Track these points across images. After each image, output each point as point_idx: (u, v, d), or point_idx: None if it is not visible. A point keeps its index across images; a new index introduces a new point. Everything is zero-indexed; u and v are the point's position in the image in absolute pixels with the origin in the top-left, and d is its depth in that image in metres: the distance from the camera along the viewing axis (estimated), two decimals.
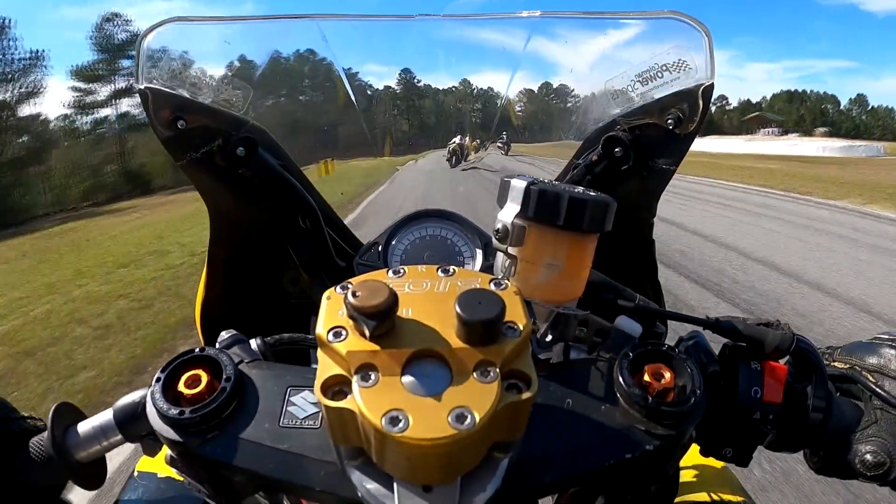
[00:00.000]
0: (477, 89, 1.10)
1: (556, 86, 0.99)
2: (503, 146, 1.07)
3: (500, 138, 1.06)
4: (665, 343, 0.49)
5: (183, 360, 0.49)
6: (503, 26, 0.85)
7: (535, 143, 1.10)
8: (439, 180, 1.15)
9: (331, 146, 1.09)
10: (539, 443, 0.43)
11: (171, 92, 0.72)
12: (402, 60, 1.02)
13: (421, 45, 0.93)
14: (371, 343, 0.35)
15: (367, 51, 0.93)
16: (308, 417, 0.45)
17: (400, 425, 0.31)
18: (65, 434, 0.56)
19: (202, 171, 0.78)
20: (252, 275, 0.90)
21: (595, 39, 0.81)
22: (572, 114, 0.95)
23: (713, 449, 0.55)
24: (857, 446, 0.54)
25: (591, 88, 0.84)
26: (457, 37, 0.90)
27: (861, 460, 0.53)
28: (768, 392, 0.52)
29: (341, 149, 1.09)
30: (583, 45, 0.83)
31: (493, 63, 0.93)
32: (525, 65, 0.86)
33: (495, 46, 0.88)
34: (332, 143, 1.09)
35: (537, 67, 0.90)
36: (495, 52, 0.88)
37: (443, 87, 1.14)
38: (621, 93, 0.76)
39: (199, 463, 0.46)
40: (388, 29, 0.90)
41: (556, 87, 0.99)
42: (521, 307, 0.38)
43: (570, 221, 0.52)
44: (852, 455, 0.54)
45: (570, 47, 0.84)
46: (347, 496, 0.40)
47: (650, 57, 0.72)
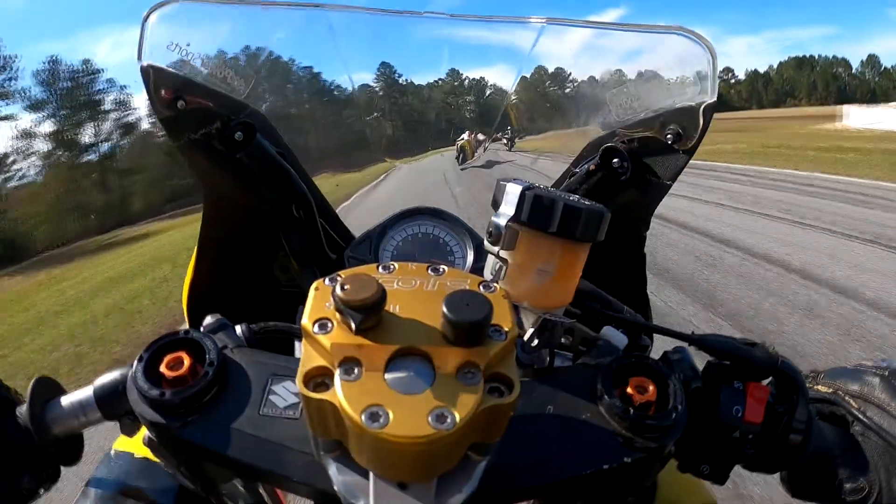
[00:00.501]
0: (469, 80, 1.09)
1: (552, 70, 0.97)
2: (508, 141, 1.06)
3: (505, 133, 1.05)
4: (650, 357, 0.49)
5: (167, 342, 0.48)
6: (510, 29, 0.86)
7: (540, 135, 1.08)
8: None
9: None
10: (518, 447, 0.43)
11: (172, 71, 0.71)
12: (395, 57, 1.02)
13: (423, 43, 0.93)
14: (356, 337, 0.35)
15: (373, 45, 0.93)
16: (288, 407, 0.45)
17: (380, 421, 0.31)
18: (43, 408, 0.56)
19: (199, 153, 0.77)
20: (242, 260, 0.89)
21: (599, 49, 0.82)
22: (573, 99, 0.94)
23: (691, 465, 0.55)
24: (837, 471, 0.54)
25: (594, 97, 0.85)
26: (457, 36, 0.90)
27: (839, 485, 0.53)
28: (749, 412, 0.52)
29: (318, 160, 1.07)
30: (587, 54, 0.83)
31: (491, 59, 0.93)
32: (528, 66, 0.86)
33: (500, 49, 0.88)
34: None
35: (541, 68, 0.90)
36: (499, 53, 0.88)
37: (434, 81, 1.14)
38: (623, 103, 0.76)
39: (176, 445, 0.46)
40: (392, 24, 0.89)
41: (551, 71, 0.97)
42: (508, 311, 0.38)
43: (563, 229, 0.52)
44: (831, 480, 0.54)
45: (574, 56, 0.85)
46: (323, 488, 0.40)
47: (654, 70, 0.73)
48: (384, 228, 0.90)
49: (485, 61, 1.03)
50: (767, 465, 0.55)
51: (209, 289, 0.86)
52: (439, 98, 1.16)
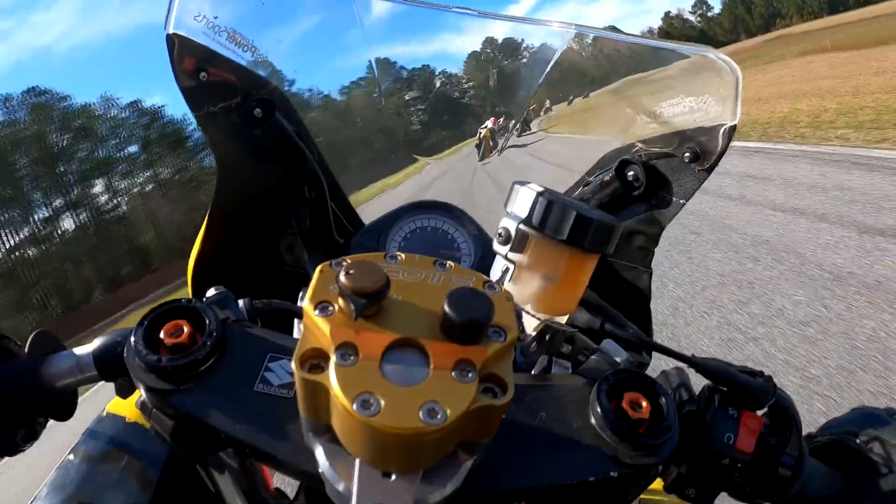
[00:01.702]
0: (493, 71, 1.07)
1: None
2: (520, 126, 1.04)
3: (521, 115, 1.03)
4: (647, 374, 0.49)
5: (168, 309, 0.49)
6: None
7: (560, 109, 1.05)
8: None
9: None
10: (505, 450, 0.43)
11: (196, 42, 0.71)
12: (417, 48, 1.01)
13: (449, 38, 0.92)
14: (356, 323, 0.35)
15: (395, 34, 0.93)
16: (282, 386, 0.45)
17: (370, 409, 0.31)
18: (41, 361, 0.56)
19: (217, 125, 0.78)
20: (250, 236, 0.90)
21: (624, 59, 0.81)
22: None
23: (677, 486, 0.55)
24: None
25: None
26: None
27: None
28: (741, 440, 0.51)
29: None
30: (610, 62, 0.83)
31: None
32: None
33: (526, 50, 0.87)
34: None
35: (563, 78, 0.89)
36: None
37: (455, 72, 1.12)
38: (645, 117, 0.76)
39: (167, 412, 0.46)
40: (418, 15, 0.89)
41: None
42: (510, 313, 0.38)
43: (573, 237, 0.52)
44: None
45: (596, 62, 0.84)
46: (308, 469, 0.40)
47: (677, 88, 0.72)
48: (394, 218, 0.90)
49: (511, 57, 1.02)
50: (754, 496, 0.54)
51: (215, 261, 0.86)
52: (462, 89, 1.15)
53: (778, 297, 3.96)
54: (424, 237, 0.89)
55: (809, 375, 2.94)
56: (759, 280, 4.31)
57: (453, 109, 1.18)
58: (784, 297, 3.92)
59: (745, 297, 4.05)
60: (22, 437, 0.57)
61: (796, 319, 3.55)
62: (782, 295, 3.96)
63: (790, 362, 3.10)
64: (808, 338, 3.31)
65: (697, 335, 3.66)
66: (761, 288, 4.16)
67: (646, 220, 0.78)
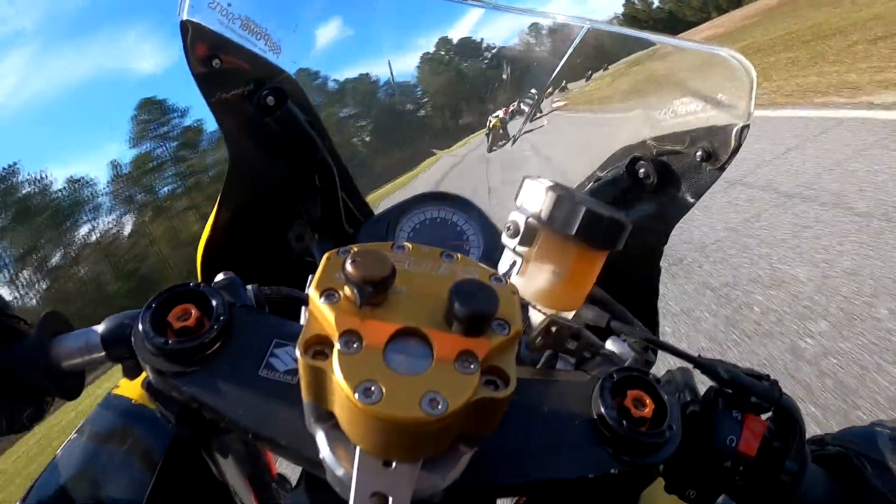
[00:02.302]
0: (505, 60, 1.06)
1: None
2: (527, 108, 1.03)
3: (526, 98, 1.02)
4: (651, 373, 0.49)
5: (177, 293, 0.49)
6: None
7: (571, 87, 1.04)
8: None
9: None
10: (507, 444, 0.43)
11: (210, 29, 0.72)
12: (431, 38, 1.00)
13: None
14: (360, 311, 0.35)
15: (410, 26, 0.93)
16: (287, 372, 0.45)
17: (372, 397, 0.31)
18: (50, 341, 0.57)
19: (229, 113, 0.78)
20: (259, 223, 0.90)
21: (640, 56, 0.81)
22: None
23: (677, 487, 0.54)
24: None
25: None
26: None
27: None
28: (744, 443, 0.51)
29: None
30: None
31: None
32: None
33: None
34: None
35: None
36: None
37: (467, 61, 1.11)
38: (658, 114, 0.75)
39: (173, 394, 0.46)
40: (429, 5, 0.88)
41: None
42: (515, 306, 0.38)
43: (582, 233, 0.52)
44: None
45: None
46: (309, 455, 0.40)
47: (691, 86, 0.72)
48: (404, 209, 0.90)
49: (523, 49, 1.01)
50: (755, 500, 0.54)
51: (224, 247, 0.87)
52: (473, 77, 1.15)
53: None
54: (433, 228, 0.89)
55: None
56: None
57: (466, 99, 1.18)
58: None
59: None
60: (28, 416, 0.58)
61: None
62: None
63: None
64: None
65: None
66: None
67: (655, 218, 0.77)
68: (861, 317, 2.84)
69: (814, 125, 6.42)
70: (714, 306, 3.39)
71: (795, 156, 5.58)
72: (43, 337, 0.56)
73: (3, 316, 0.58)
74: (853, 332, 2.73)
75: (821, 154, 5.36)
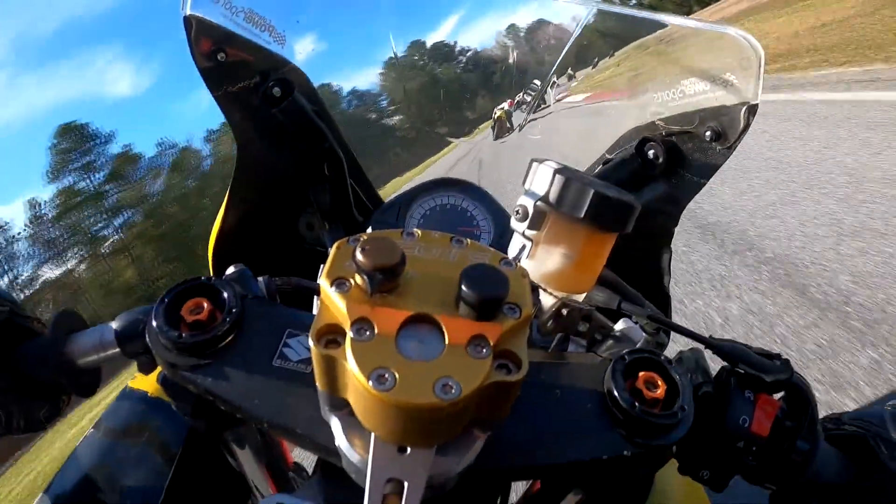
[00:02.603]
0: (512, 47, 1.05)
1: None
2: (531, 100, 1.03)
3: (530, 88, 1.02)
4: (663, 354, 0.49)
5: (188, 287, 0.49)
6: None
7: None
8: None
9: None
10: (520, 427, 0.43)
11: (213, 23, 0.71)
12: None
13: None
14: (372, 299, 0.35)
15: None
16: (301, 361, 0.45)
17: (385, 384, 0.31)
18: (65, 339, 0.57)
19: (236, 106, 0.78)
20: (269, 214, 0.91)
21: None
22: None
23: (691, 468, 0.54)
24: (833, 499, 0.53)
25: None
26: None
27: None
28: (756, 423, 0.51)
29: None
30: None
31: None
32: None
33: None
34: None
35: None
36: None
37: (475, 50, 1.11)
38: (665, 95, 0.75)
39: (188, 387, 0.47)
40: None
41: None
42: (525, 290, 0.38)
43: (591, 215, 0.52)
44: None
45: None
46: (325, 443, 0.41)
47: (699, 66, 0.71)
48: (413, 196, 0.90)
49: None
50: (768, 480, 0.54)
51: (235, 239, 0.87)
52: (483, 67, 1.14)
53: None
54: (443, 214, 0.89)
55: None
56: None
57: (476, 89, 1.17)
58: None
59: None
60: (45, 414, 0.58)
61: None
62: None
63: None
64: None
65: None
66: None
67: (665, 199, 0.77)
68: None
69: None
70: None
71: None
72: (57, 335, 0.57)
73: (16, 316, 0.59)
74: None
75: None
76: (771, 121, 6.60)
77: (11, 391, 0.56)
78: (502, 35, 1.05)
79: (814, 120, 6.36)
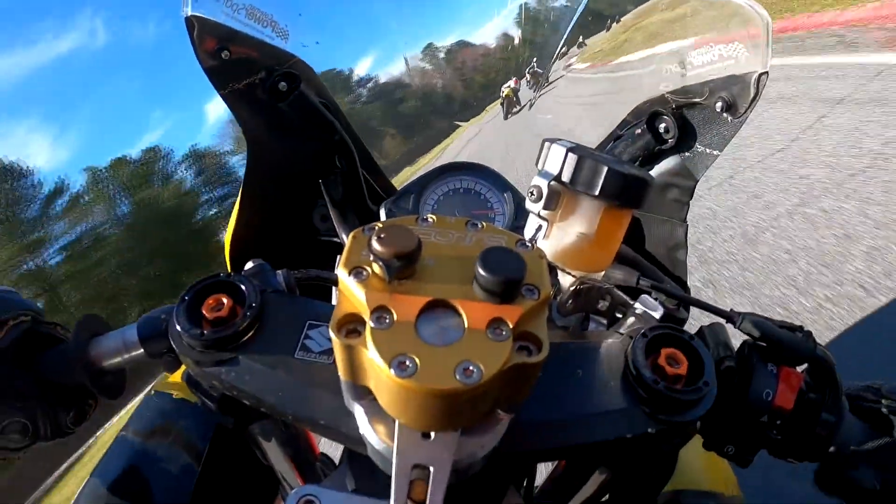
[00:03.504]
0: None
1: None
2: (534, 78, 1.02)
3: (530, 68, 1.02)
4: (684, 330, 0.49)
5: (208, 284, 0.50)
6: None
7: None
8: None
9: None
10: (543, 408, 0.43)
11: (216, 21, 0.71)
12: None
13: None
14: (389, 286, 0.35)
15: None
16: (323, 353, 0.46)
17: (407, 371, 0.31)
18: (88, 343, 0.58)
19: (243, 102, 0.78)
20: (283, 208, 0.91)
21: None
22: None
23: (716, 443, 0.54)
24: (859, 470, 0.52)
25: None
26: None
27: (862, 486, 0.51)
28: (780, 397, 0.50)
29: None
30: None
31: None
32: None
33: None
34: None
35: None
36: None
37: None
38: (674, 66, 0.74)
39: (212, 383, 0.47)
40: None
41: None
42: (543, 270, 0.38)
43: (605, 193, 0.51)
44: (849, 477, 0.52)
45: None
46: (350, 432, 0.41)
47: (706, 35, 0.70)
48: (426, 182, 0.90)
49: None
50: (793, 454, 0.53)
51: (251, 235, 0.88)
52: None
53: None
54: (457, 199, 0.89)
55: None
56: None
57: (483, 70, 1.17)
58: None
59: None
60: (72, 419, 0.59)
61: None
62: None
63: None
64: None
65: None
66: None
67: (679, 173, 0.76)
68: None
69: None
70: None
71: None
72: (81, 339, 0.57)
73: (38, 324, 0.59)
74: None
75: None
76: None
77: (38, 399, 0.57)
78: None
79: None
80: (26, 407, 0.56)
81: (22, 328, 0.57)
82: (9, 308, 0.58)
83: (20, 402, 0.56)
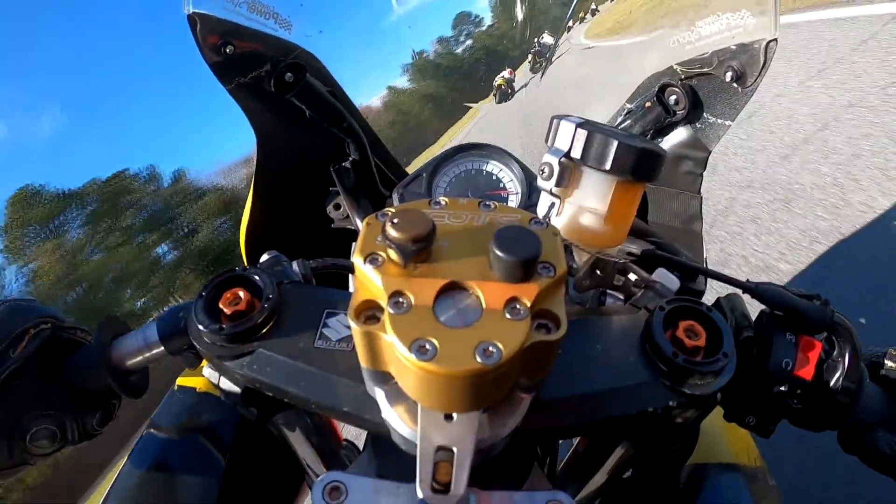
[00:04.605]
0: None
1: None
2: (537, 60, 1.01)
3: (533, 47, 1.00)
4: (702, 301, 0.48)
5: (225, 279, 0.50)
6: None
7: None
8: None
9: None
10: (564, 385, 0.43)
11: (218, 17, 0.71)
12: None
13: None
14: (405, 271, 0.35)
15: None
16: (342, 340, 0.46)
17: (427, 354, 0.31)
18: (110, 345, 0.59)
19: (250, 96, 0.78)
20: (295, 198, 0.91)
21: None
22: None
23: (736, 415, 0.54)
24: (878, 435, 0.52)
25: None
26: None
27: (880, 451, 0.51)
28: (799, 366, 0.50)
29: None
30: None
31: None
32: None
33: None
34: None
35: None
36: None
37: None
38: (682, 38, 0.73)
39: (234, 377, 0.48)
40: None
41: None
42: (558, 248, 0.38)
43: (616, 167, 0.51)
44: (868, 441, 0.52)
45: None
46: (372, 419, 0.41)
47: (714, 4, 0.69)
48: (437, 165, 0.89)
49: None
50: (813, 423, 0.53)
51: (265, 227, 0.88)
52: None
53: None
54: (469, 180, 0.88)
55: None
56: None
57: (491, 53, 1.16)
58: None
59: None
60: (98, 421, 0.60)
61: None
62: None
63: None
64: None
65: None
66: None
67: (691, 145, 0.75)
68: None
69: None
70: None
71: None
72: (103, 342, 0.58)
73: (60, 330, 0.60)
74: None
75: None
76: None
77: (65, 405, 0.57)
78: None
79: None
80: (54, 414, 0.57)
81: (43, 336, 0.58)
82: (29, 317, 0.58)
83: (48, 409, 0.56)
